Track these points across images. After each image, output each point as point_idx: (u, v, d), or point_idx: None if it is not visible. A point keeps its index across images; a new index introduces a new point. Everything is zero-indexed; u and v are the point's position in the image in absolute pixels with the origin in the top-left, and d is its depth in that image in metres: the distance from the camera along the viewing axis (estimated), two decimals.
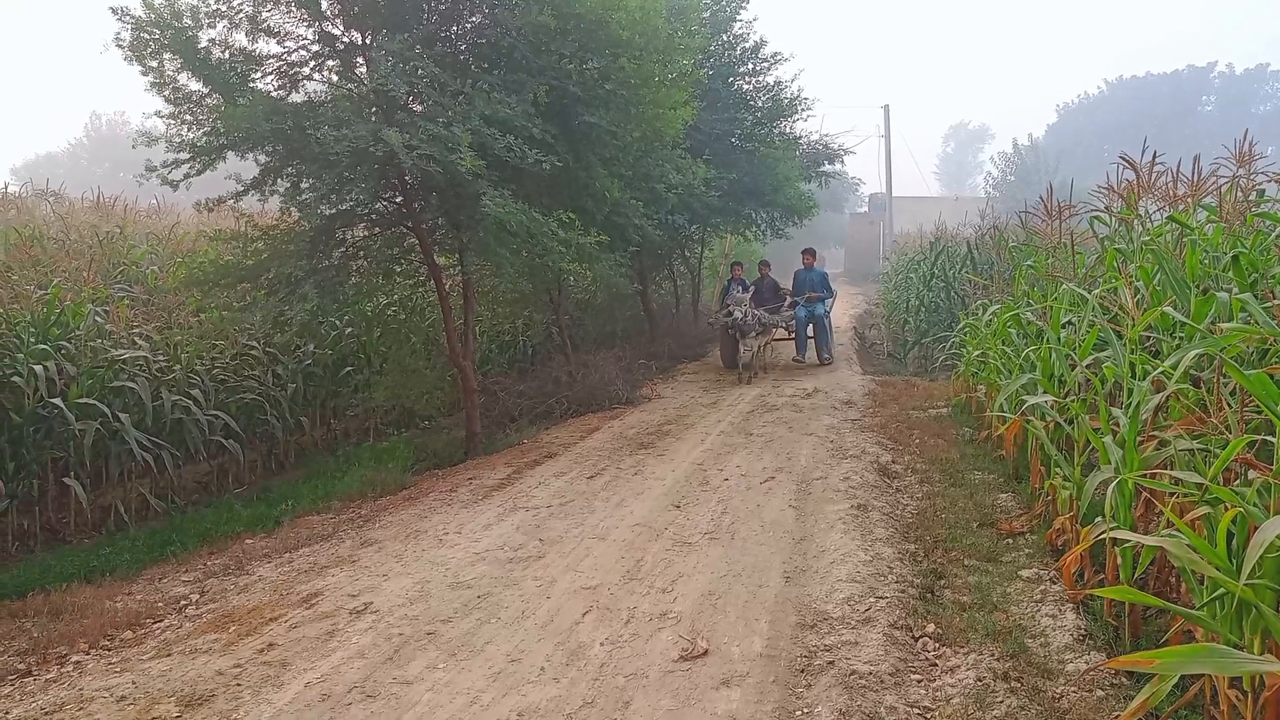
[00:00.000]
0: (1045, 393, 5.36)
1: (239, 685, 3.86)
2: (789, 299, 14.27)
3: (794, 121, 17.47)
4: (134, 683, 3.92)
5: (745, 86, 16.16)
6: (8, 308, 6.82)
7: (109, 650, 4.42)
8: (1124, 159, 5.83)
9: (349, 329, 10.23)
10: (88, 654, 4.37)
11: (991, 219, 15.70)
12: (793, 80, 17.40)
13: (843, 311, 24.08)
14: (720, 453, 8.02)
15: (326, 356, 9.76)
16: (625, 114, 9.48)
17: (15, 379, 6.41)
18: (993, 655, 3.87)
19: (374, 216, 9.26)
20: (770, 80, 16.51)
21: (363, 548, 5.84)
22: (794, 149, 17.29)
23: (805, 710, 3.50)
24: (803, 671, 3.83)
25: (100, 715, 3.63)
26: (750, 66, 16.10)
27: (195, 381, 7.98)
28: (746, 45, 15.94)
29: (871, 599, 4.53)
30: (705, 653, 4.03)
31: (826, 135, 20.65)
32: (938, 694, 3.62)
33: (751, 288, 14.11)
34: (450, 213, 8.94)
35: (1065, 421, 5.03)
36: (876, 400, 10.50)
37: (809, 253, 14.93)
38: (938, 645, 4.05)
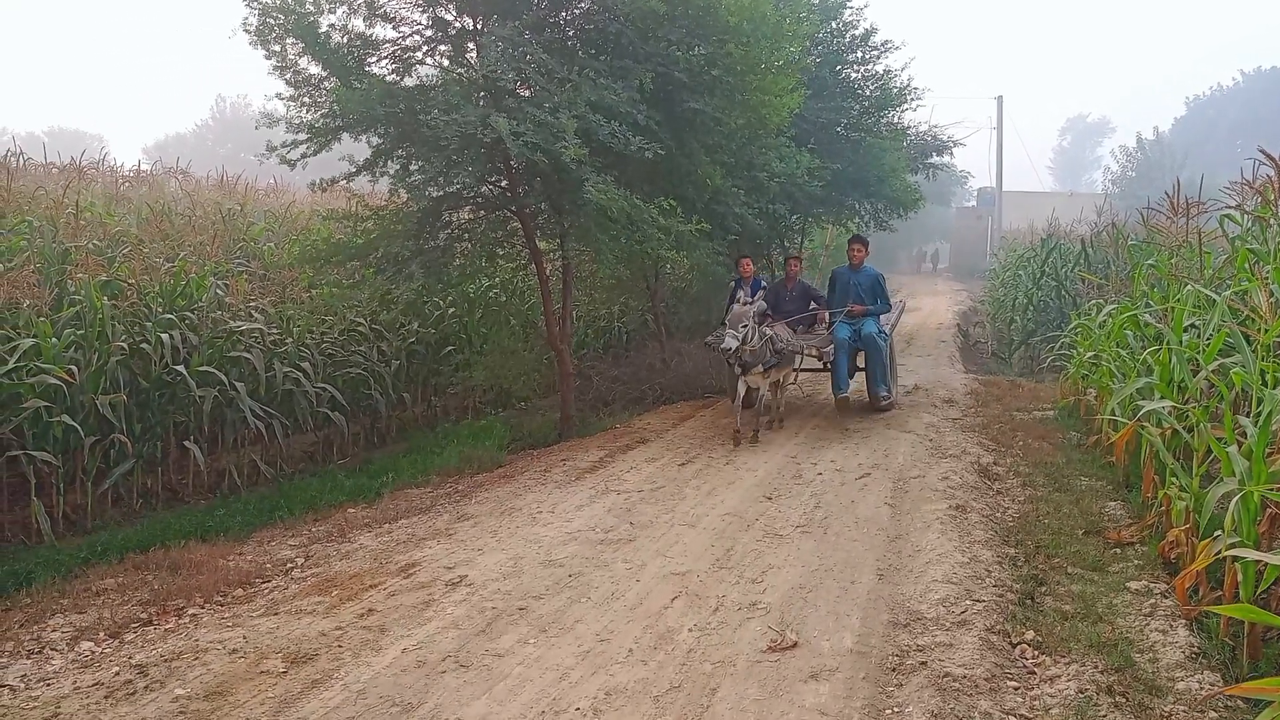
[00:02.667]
0: (1163, 398, 5.11)
1: (340, 647, 4.01)
2: (823, 312, 9.52)
3: (902, 112, 17.00)
4: (244, 637, 4.12)
5: (853, 75, 15.80)
6: (140, 279, 7.21)
7: (221, 605, 4.65)
8: (1263, 154, 5.49)
9: (451, 309, 10.47)
10: (202, 608, 4.61)
11: (1109, 216, 15.01)
12: (903, 69, 16.89)
13: (946, 308, 23.45)
14: (814, 446, 7.92)
15: (429, 335, 10.02)
16: (730, 101, 9.39)
17: (144, 346, 6.78)
18: (1096, 667, 3.72)
19: (479, 200, 9.44)
20: (879, 69, 16.09)
21: (459, 522, 5.99)
22: (901, 140, 16.86)
23: (896, 709, 3.43)
24: (894, 670, 3.76)
25: (214, 665, 3.83)
26: (859, 54, 15.74)
27: (305, 355, 8.30)
28: (856, 33, 15.58)
29: (968, 601, 4.40)
30: (794, 645, 3.99)
31: (935, 126, 20.02)
32: (1035, 703, 3.50)
33: (761, 291, 9.34)
34: (553, 198, 9.04)
35: (1184, 429, 4.78)
36: (979, 399, 10.19)
37: (858, 243, 9.49)
38: (1037, 653, 3.91)
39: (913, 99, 16.56)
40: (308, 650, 3.96)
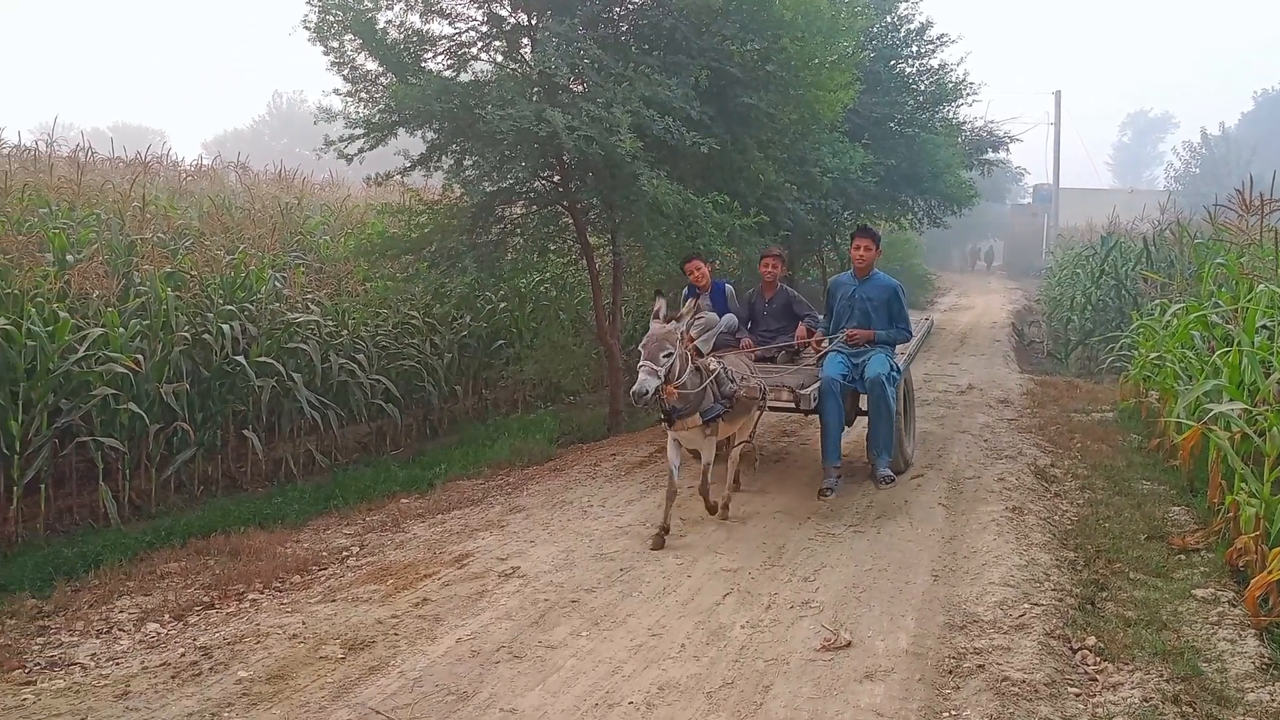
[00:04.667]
0: (1233, 401, 4.96)
1: (396, 635, 4.07)
2: (809, 337, 6.82)
3: (957, 107, 16.80)
4: (303, 623, 4.20)
5: (908, 69, 15.62)
6: (202, 271, 7.37)
7: (280, 591, 4.74)
8: None
9: (503, 304, 10.55)
10: (262, 593, 4.71)
11: (1173, 213, 14.63)
12: (958, 63, 16.70)
13: (1000, 306, 23.06)
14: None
15: (481, 329, 10.11)
16: (784, 96, 9.32)
17: (205, 336, 6.94)
18: (1161, 676, 3.62)
19: (532, 195, 9.50)
20: (935, 63, 15.91)
21: (511, 514, 6.03)
22: (956, 135, 16.63)
23: (953, 712, 3.38)
24: (951, 673, 3.70)
25: (275, 649, 3.91)
26: (914, 49, 15.55)
27: (360, 347, 8.42)
28: (911, 26, 15.40)
29: (1026, 605, 4.32)
30: (848, 644, 3.95)
31: (991, 121, 19.69)
32: (1098, 710, 3.43)
33: (730, 297, 7.24)
34: (605, 193, 9.05)
35: (1255, 433, 4.64)
36: (1035, 400, 10.00)
37: (865, 239, 6.48)
38: (1099, 659, 3.83)
39: (968, 94, 16.38)
40: (365, 637, 4.02)
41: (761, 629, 4.14)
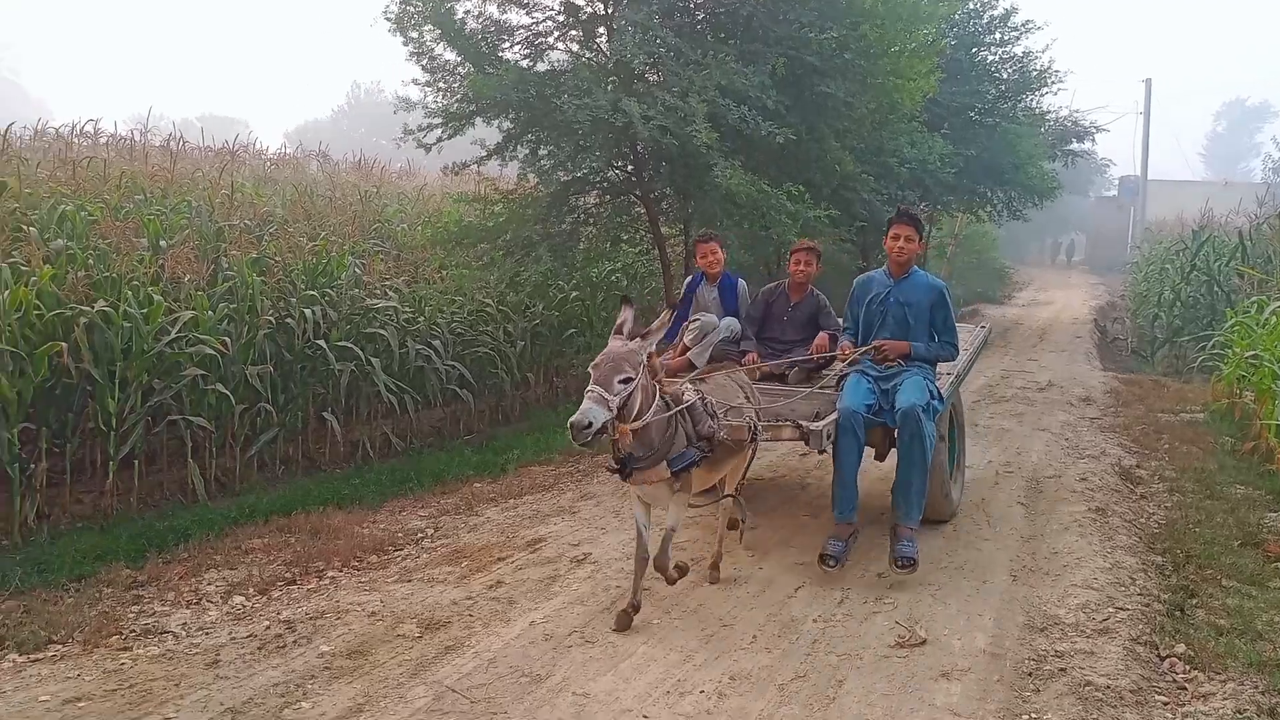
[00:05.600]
0: None
1: (471, 616, 4.13)
2: (828, 350, 5.35)
3: (1041, 96, 16.34)
4: (381, 601, 4.30)
5: (990, 57, 15.24)
6: (285, 257, 7.56)
7: (358, 570, 4.85)
8: None
9: (574, 293, 10.60)
10: (340, 571, 4.83)
11: (1272, 206, 13.98)
12: (1044, 51, 16.27)
13: (1081, 302, 22.39)
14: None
15: (553, 318, 10.18)
16: (862, 84, 9.18)
17: (289, 321, 7.12)
18: (1256, 688, 3.48)
19: (605, 185, 9.53)
20: (1018, 51, 15.48)
21: (582, 500, 6.08)
22: (1039, 125, 16.18)
23: (1033, 715, 3.30)
24: (1030, 675, 3.61)
25: (355, 626, 4.01)
26: (997, 36, 15.16)
27: (436, 333, 8.55)
28: (995, 13, 15.02)
29: (1110, 609, 4.20)
30: (923, 642, 3.89)
31: (1076, 111, 19.15)
32: None
33: (743, 293, 5.90)
34: (679, 182, 9.03)
35: None
36: (1119, 399, 9.68)
37: (904, 224, 4.96)
38: (1188, 668, 3.69)
39: (1053, 82, 15.92)
40: (441, 617, 4.09)
41: (834, 623, 4.10)
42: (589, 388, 3.63)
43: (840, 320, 5.61)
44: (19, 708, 3.24)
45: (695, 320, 5.43)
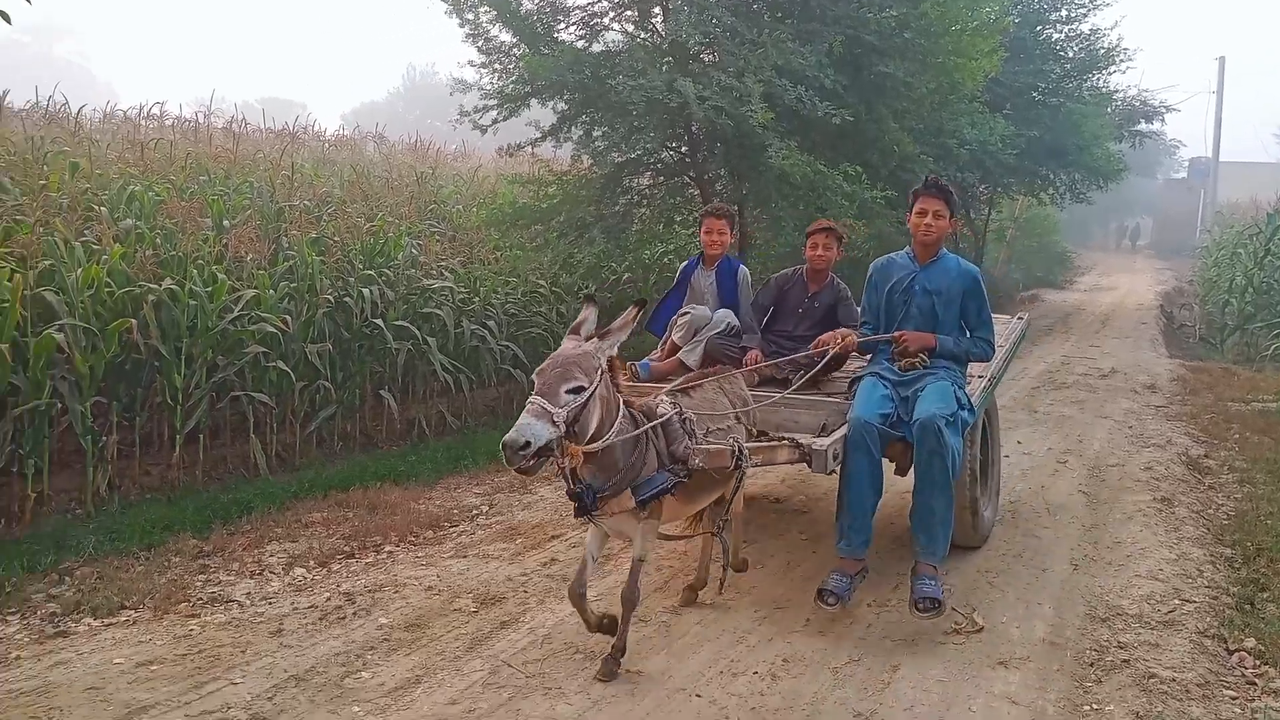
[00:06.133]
0: None
1: (525, 592, 4.18)
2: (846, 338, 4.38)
3: (1109, 74, 15.85)
4: (438, 576, 4.36)
5: (1055, 35, 14.85)
6: (344, 237, 7.67)
7: (415, 545, 4.93)
8: None
9: (627, 274, 10.60)
10: (398, 546, 4.91)
11: None
12: (1112, 28, 15.70)
13: (1146, 287, 21.76)
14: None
15: (606, 299, 10.19)
16: (922, 64, 9.02)
17: (347, 300, 7.23)
18: None
19: (659, 166, 9.50)
20: (1085, 28, 15.04)
21: None
22: (1106, 105, 15.71)
23: (1094, 706, 3.24)
24: (1092, 665, 3.55)
25: (412, 599, 4.08)
26: (1063, 13, 14.76)
27: (490, 314, 8.61)
28: None
29: (1176, 600, 4.10)
30: (980, 629, 3.84)
31: (1145, 90, 18.53)
32: (1256, 715, 3.22)
33: (744, 283, 4.98)
34: (733, 163, 8.97)
35: None
36: (1186, 387, 9.40)
37: (932, 197, 4.15)
38: (1258, 663, 3.59)
39: (1121, 60, 15.45)
40: (496, 593, 4.14)
41: (889, 608, 4.06)
42: (531, 397, 2.91)
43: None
44: (95, 669, 3.36)
45: (685, 313, 4.71)
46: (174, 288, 5.75)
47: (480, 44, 8.89)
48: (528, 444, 2.79)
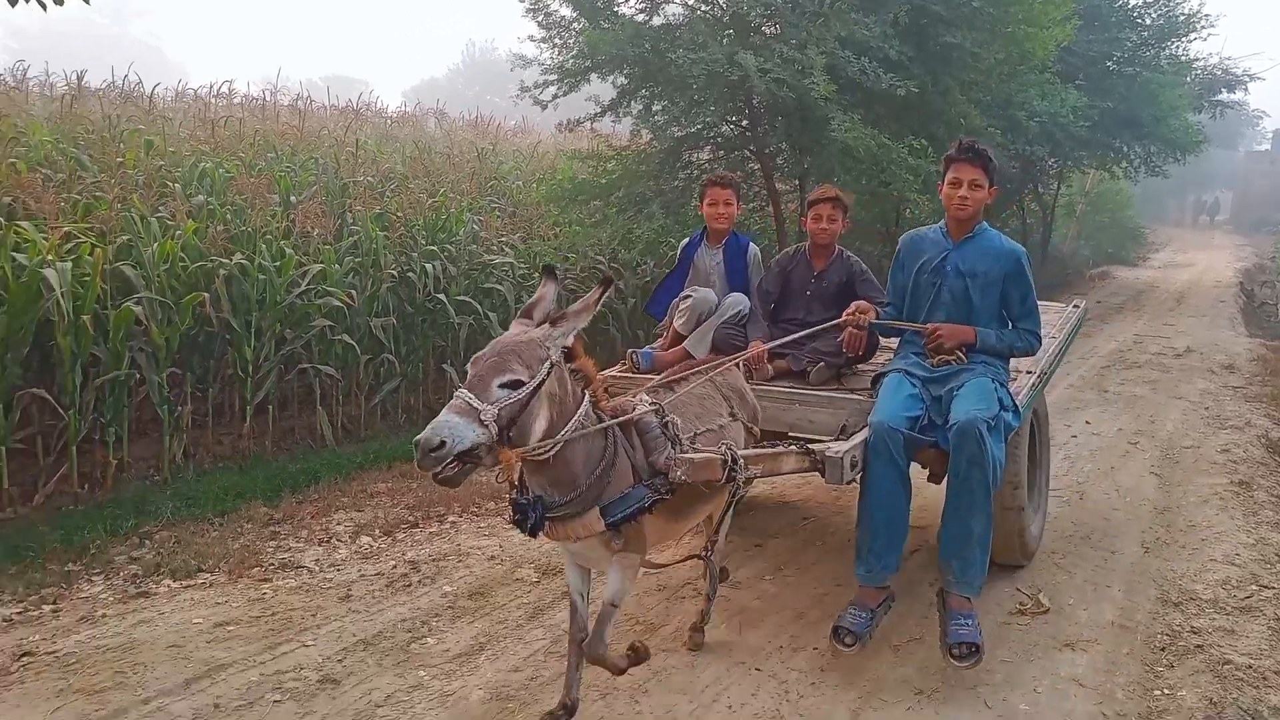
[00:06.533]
0: None
1: None
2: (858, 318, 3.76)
3: (1188, 42, 15.22)
4: (500, 546, 4.43)
5: (1132, 1, 14.27)
6: (406, 212, 7.77)
7: (477, 516, 5.01)
8: None
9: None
10: (460, 516, 4.99)
11: None
12: None
13: (1225, 264, 21.00)
14: (1067, 408, 7.35)
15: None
16: (990, 33, 8.76)
17: (410, 275, 7.34)
18: None
19: (719, 140, 9.41)
20: None
21: None
22: (1185, 74, 15.10)
23: (1166, 691, 3.17)
24: (1163, 650, 3.46)
25: (475, 569, 4.16)
26: None
27: None
28: None
29: (1254, 586, 3.98)
30: (1046, 611, 3.77)
31: (1227, 58, 17.76)
32: None
33: (754, 263, 4.49)
34: (795, 137, 8.85)
35: None
36: (1267, 367, 9.07)
37: (968, 163, 3.56)
38: None
39: (1202, 27, 14.81)
40: (557, 564, 4.18)
41: None
42: (458, 390, 2.39)
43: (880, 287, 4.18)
44: (176, 628, 3.50)
45: (686, 296, 4.24)
46: (244, 262, 5.89)
47: (540, 19, 8.88)
48: (441, 444, 2.27)
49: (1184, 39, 14.95)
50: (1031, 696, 3.15)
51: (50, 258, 4.71)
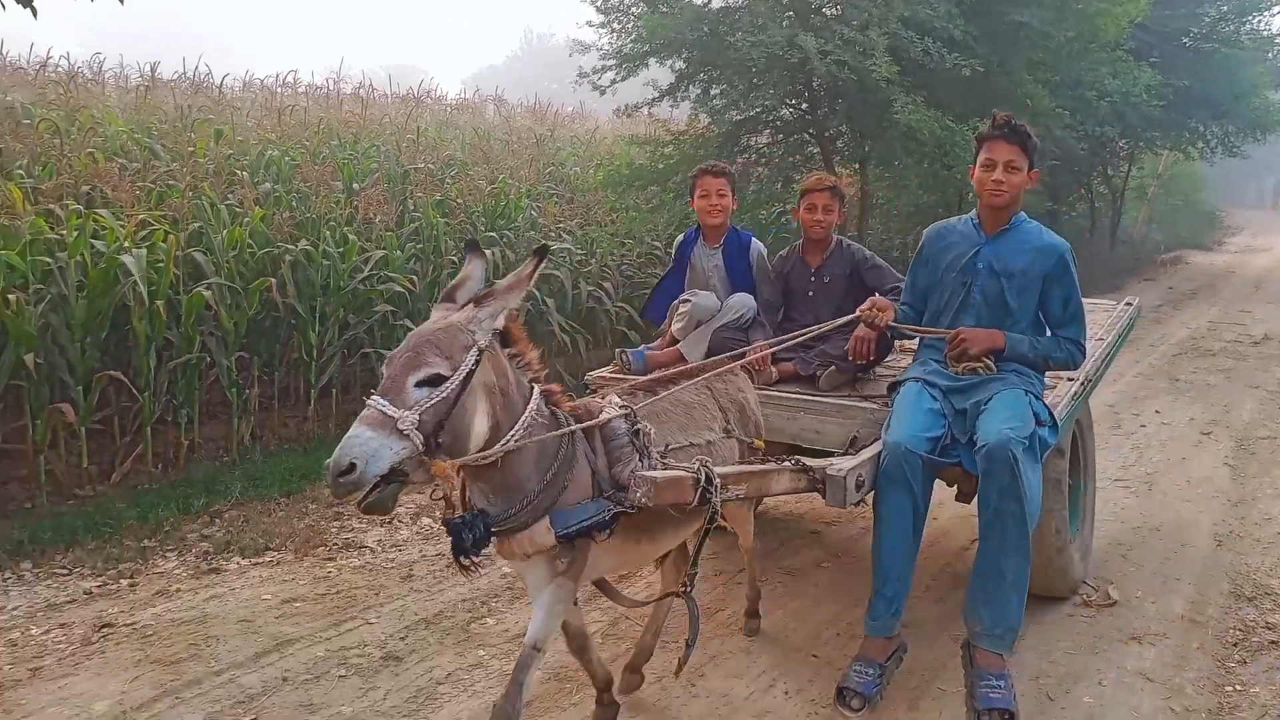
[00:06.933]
0: None
1: None
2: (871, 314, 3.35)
3: (1270, 16, 14.58)
4: None
5: None
6: (466, 199, 7.86)
7: None
8: None
9: None
10: None
11: None
12: None
13: None
14: (1137, 396, 7.15)
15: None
16: (1060, 11, 8.51)
17: None
18: None
19: (778, 123, 9.33)
20: None
21: None
22: (1267, 50, 14.48)
23: (1238, 687, 3.08)
24: (1235, 645, 3.37)
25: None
26: None
27: (607, 275, 8.68)
28: None
29: None
30: (1113, 603, 3.69)
31: None
32: None
33: (759, 263, 4.03)
34: (855, 120, 8.72)
35: None
36: None
37: (1005, 140, 3.13)
38: None
39: None
40: None
41: None
42: (371, 397, 2.01)
43: (896, 273, 3.88)
44: (246, 603, 3.62)
45: (685, 300, 3.87)
46: (309, 248, 6.01)
47: (599, 3, 8.89)
48: (351, 468, 1.89)
49: (1267, 12, 14.33)
50: (1096, 690, 3.09)
51: (127, 245, 4.88)
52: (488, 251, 7.21)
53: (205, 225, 5.62)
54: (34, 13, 5.22)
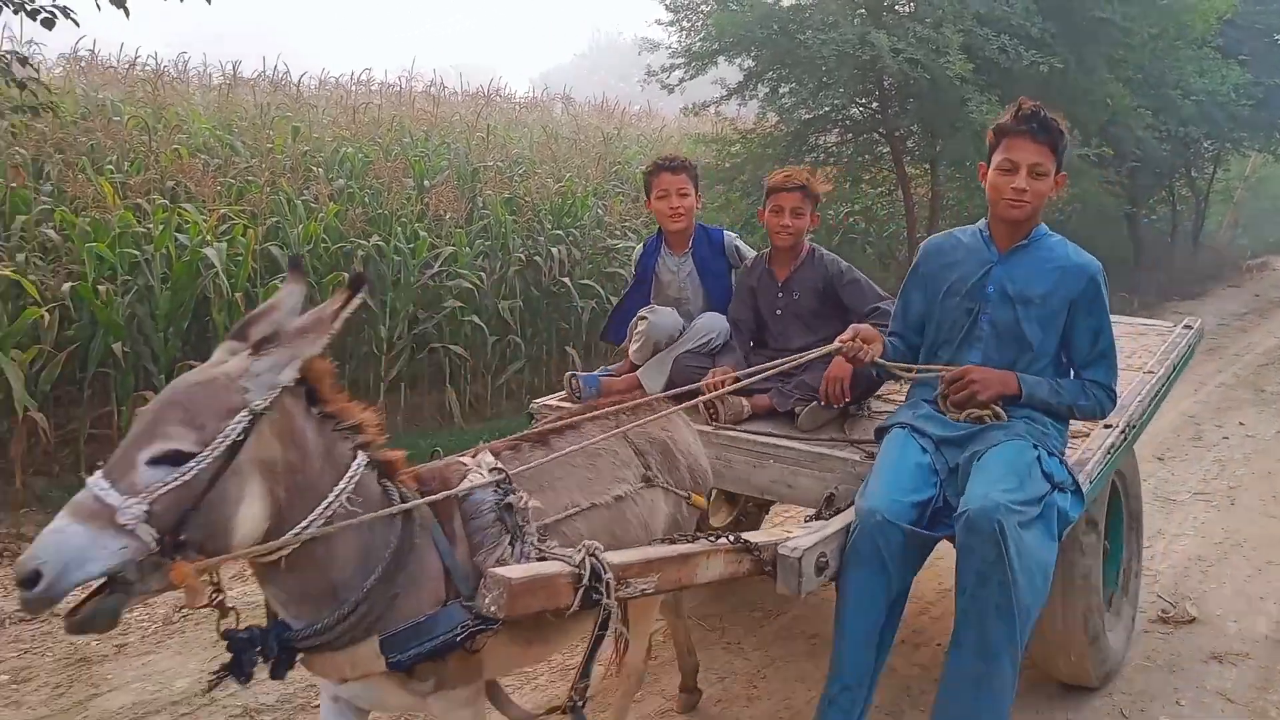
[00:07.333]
0: None
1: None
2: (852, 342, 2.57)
3: None
4: None
5: None
6: (534, 197, 7.94)
7: None
8: None
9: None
10: None
11: None
12: None
13: None
14: (1219, 407, 6.90)
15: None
16: (1144, 7, 8.25)
17: (536, 258, 7.50)
18: None
19: (848, 122, 9.23)
20: None
21: None
22: None
23: None
24: None
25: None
26: None
27: None
28: None
29: None
30: (1191, 621, 3.57)
31: None
32: None
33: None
34: (927, 119, 8.57)
35: None
36: None
37: (1030, 138, 2.49)
38: None
39: None
40: None
41: None
42: (91, 478, 1.47)
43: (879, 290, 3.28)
44: None
45: (643, 317, 3.31)
46: (380, 244, 6.14)
47: (668, 1, 8.88)
48: (37, 576, 1.36)
49: None
50: (1174, 709, 3.00)
51: (209, 238, 5.04)
52: (554, 250, 7.34)
53: (282, 220, 5.78)
54: (126, 12, 5.41)
